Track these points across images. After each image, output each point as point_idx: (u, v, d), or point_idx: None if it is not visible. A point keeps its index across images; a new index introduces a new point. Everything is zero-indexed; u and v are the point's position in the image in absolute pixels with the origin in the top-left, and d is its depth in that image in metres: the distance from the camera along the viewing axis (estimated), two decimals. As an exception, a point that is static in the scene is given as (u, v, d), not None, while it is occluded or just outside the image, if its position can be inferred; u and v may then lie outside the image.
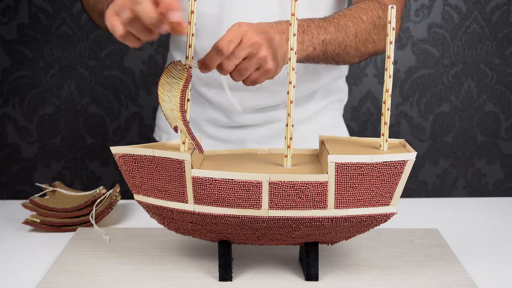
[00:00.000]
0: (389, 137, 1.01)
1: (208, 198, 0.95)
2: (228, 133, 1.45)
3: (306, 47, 1.13)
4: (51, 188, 1.33)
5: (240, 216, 0.95)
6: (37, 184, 1.35)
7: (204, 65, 0.98)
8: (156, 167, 0.97)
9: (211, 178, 0.94)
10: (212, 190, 0.94)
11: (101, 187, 1.29)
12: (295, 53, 0.96)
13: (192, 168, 0.95)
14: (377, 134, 2.47)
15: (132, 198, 1.08)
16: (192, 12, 0.95)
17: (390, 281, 1.00)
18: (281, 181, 0.93)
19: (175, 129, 0.97)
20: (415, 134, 2.56)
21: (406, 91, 2.53)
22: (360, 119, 2.55)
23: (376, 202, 0.95)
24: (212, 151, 1.07)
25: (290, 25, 0.95)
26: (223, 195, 0.94)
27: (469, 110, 2.54)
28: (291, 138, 0.98)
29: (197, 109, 1.44)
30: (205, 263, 1.06)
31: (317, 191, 0.93)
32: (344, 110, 1.58)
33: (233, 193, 0.94)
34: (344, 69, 1.47)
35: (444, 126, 2.56)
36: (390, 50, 0.96)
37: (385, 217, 0.97)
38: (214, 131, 1.45)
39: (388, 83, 0.97)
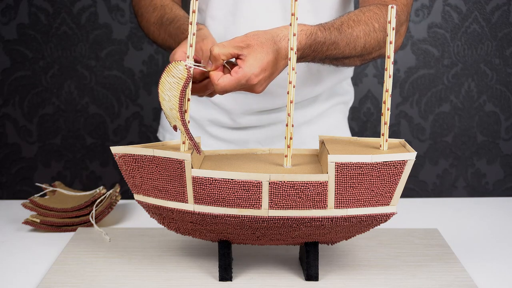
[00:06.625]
0: (389, 137, 1.01)
1: (208, 198, 0.95)
2: (231, 134, 1.44)
3: (308, 59, 1.13)
4: (51, 188, 1.33)
5: (240, 216, 0.94)
6: (37, 184, 1.35)
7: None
8: (156, 167, 0.97)
9: (211, 178, 0.94)
10: (212, 190, 0.94)
11: (101, 187, 1.29)
12: (295, 53, 0.96)
13: (192, 168, 0.95)
14: (377, 134, 2.47)
15: (132, 198, 1.09)
16: (193, 11, 0.95)
17: (390, 281, 1.00)
18: (281, 181, 0.93)
19: (174, 128, 0.97)
20: (415, 134, 2.56)
21: (406, 91, 2.53)
22: (360, 119, 2.55)
23: (376, 202, 0.95)
24: (212, 151, 1.07)
25: (290, 25, 0.95)
26: (223, 195, 0.94)
27: (469, 110, 2.54)
28: (291, 138, 0.98)
29: (200, 109, 1.44)
30: (205, 263, 1.06)
31: (317, 191, 0.93)
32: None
33: (233, 193, 0.94)
34: (348, 71, 1.45)
35: (444, 126, 2.56)
36: (390, 50, 0.96)
37: (385, 217, 0.97)
38: (217, 132, 1.45)
39: (388, 83, 0.97)
